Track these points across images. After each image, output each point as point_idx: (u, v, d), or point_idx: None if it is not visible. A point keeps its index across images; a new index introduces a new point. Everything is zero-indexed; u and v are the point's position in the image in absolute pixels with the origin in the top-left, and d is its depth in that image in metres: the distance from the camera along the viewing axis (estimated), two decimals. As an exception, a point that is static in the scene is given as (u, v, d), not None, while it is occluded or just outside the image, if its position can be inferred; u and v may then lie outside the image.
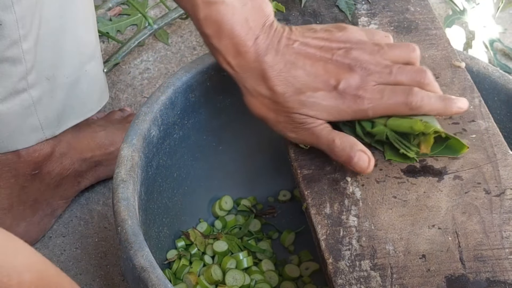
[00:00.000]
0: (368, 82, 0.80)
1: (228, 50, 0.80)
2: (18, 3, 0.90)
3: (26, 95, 0.98)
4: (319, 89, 0.80)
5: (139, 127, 0.88)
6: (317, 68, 0.81)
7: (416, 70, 0.81)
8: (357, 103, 0.79)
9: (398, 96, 0.80)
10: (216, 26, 0.79)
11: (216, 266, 0.96)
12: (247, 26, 0.79)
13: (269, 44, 0.80)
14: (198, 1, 0.79)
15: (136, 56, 1.46)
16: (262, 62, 0.80)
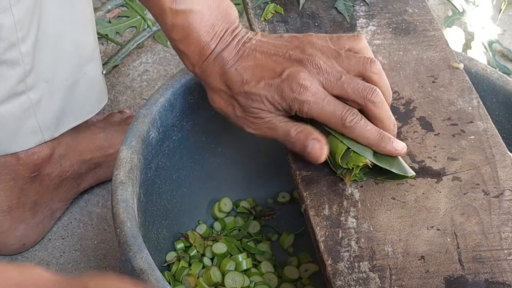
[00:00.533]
0: (314, 79, 0.79)
1: (194, 54, 0.83)
2: (16, 5, 0.90)
3: (24, 98, 0.98)
4: (263, 78, 0.80)
5: (138, 129, 0.88)
6: (267, 60, 0.81)
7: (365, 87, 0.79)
8: (297, 91, 0.78)
9: (339, 107, 0.79)
10: (183, 33, 0.82)
11: (215, 268, 0.96)
12: (213, 32, 0.82)
13: (229, 44, 0.83)
14: (166, 8, 0.81)
15: (135, 58, 1.46)
16: (221, 58, 0.82)
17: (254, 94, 0.80)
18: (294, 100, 0.79)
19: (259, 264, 1.00)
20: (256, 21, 0.99)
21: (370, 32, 0.98)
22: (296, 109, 0.79)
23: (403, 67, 0.94)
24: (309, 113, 0.79)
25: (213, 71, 0.83)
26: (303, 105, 0.79)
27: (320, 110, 0.78)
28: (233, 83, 0.81)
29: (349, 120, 0.78)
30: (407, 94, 0.91)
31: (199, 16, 0.82)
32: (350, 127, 0.78)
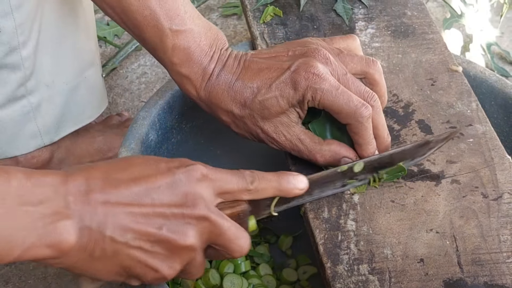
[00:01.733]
0: (325, 68, 0.77)
1: (198, 76, 0.81)
2: (17, 10, 0.90)
3: (25, 102, 0.98)
4: (272, 79, 0.78)
5: (137, 132, 0.88)
6: (271, 62, 0.80)
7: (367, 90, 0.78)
8: (310, 79, 0.76)
9: (353, 98, 0.76)
10: (185, 53, 0.80)
11: (213, 270, 0.96)
12: (211, 51, 0.81)
13: (227, 61, 0.81)
14: (166, 30, 0.80)
15: (134, 61, 1.46)
16: (223, 75, 0.80)
17: (269, 98, 0.78)
18: (307, 89, 0.76)
19: (258, 266, 1.01)
20: (255, 23, 0.99)
21: (369, 34, 0.98)
22: (309, 98, 0.77)
23: (402, 70, 0.94)
24: (322, 101, 0.77)
25: (219, 90, 0.81)
26: (316, 92, 0.76)
27: (334, 98, 0.76)
28: (244, 96, 0.79)
29: (362, 114, 0.76)
30: (406, 97, 0.91)
31: (197, 37, 0.81)
32: (361, 122, 0.77)
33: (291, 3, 1.02)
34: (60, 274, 1.11)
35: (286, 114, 0.79)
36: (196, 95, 0.82)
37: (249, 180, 0.69)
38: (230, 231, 0.67)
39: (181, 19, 0.80)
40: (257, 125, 0.80)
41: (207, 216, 0.65)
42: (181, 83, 0.83)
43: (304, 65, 0.77)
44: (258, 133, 0.81)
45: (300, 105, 0.78)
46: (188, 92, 0.83)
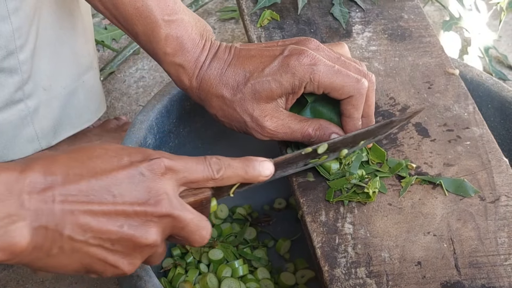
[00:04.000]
0: (318, 52, 0.78)
1: (191, 64, 0.82)
2: (15, 13, 0.90)
3: (22, 106, 0.98)
4: (264, 65, 0.79)
5: (135, 136, 0.88)
6: (262, 51, 0.81)
7: (363, 69, 0.79)
8: (305, 62, 0.77)
9: (352, 71, 0.77)
10: (177, 43, 0.81)
11: (211, 274, 0.96)
12: (202, 40, 0.82)
13: (218, 49, 0.82)
14: (159, 20, 0.80)
15: (131, 65, 1.46)
16: (216, 63, 0.81)
17: (261, 82, 0.79)
18: (304, 72, 0.77)
19: (256, 270, 1.00)
20: (252, 27, 0.99)
21: (366, 38, 0.99)
22: (307, 80, 0.77)
23: (399, 73, 0.95)
24: (321, 81, 0.77)
25: (211, 76, 0.81)
26: (314, 74, 0.77)
27: (333, 76, 0.77)
28: (235, 82, 0.80)
29: (365, 84, 0.77)
30: (403, 100, 0.91)
31: (188, 26, 0.82)
32: (362, 94, 0.78)
33: (288, 7, 1.02)
34: (58, 278, 1.11)
35: (275, 101, 0.80)
36: (188, 84, 0.83)
37: (215, 169, 0.68)
38: (192, 223, 0.66)
39: (172, 9, 0.81)
40: (246, 111, 0.80)
41: (170, 213, 0.64)
42: (175, 73, 0.83)
43: (296, 50, 0.78)
44: (246, 121, 0.81)
45: (294, 90, 0.79)
46: (181, 82, 0.83)
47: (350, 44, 0.97)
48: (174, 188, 0.65)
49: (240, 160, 0.71)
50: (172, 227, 0.65)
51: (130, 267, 0.65)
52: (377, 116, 0.89)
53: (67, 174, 0.60)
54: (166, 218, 0.64)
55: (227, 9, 1.59)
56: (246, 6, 1.02)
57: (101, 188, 0.61)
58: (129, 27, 0.82)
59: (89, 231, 0.61)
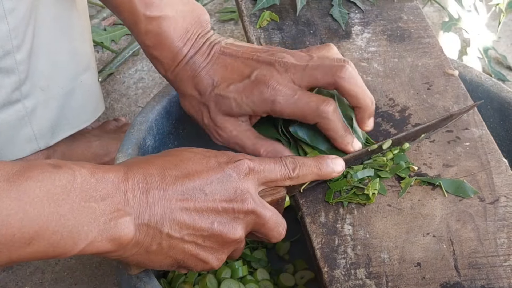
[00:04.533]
0: (283, 78, 0.79)
1: (168, 60, 0.84)
2: (11, 13, 0.90)
3: (20, 106, 0.98)
4: (232, 80, 0.81)
5: (134, 137, 0.88)
6: (236, 63, 0.82)
7: (333, 65, 0.79)
8: (267, 93, 0.79)
9: (312, 98, 0.78)
10: (157, 39, 0.83)
11: (211, 275, 0.96)
12: (186, 37, 0.84)
13: (201, 48, 0.84)
14: (140, 15, 0.82)
15: (131, 66, 1.46)
16: (192, 63, 0.83)
17: (224, 96, 0.81)
18: (264, 102, 0.79)
19: (255, 271, 1.00)
20: (251, 28, 0.99)
21: (365, 39, 0.99)
22: (267, 110, 0.80)
23: (398, 74, 0.95)
24: (282, 111, 0.79)
25: (185, 76, 0.84)
26: (274, 104, 0.79)
27: (293, 105, 0.78)
28: (204, 87, 0.82)
29: (325, 110, 0.77)
30: (402, 101, 0.91)
31: (172, 22, 0.83)
32: (327, 117, 0.78)
33: (288, 8, 1.02)
34: (57, 280, 1.11)
35: (236, 118, 0.82)
36: (164, 74, 0.86)
37: (291, 168, 0.73)
38: (272, 221, 0.71)
39: (157, 6, 0.82)
40: (208, 115, 0.83)
41: (254, 209, 0.69)
42: (153, 63, 0.86)
43: (261, 79, 0.79)
44: (205, 123, 0.84)
45: (254, 114, 0.81)
46: (158, 71, 0.87)
47: (349, 45, 0.97)
48: (255, 187, 0.71)
49: (313, 158, 0.76)
50: (254, 224, 0.71)
51: (218, 262, 0.71)
52: (377, 117, 0.89)
53: (163, 176, 0.66)
54: (250, 215, 0.69)
55: (226, 10, 1.59)
56: (245, 7, 1.02)
57: (194, 188, 0.67)
58: (117, 14, 0.85)
59: (185, 228, 0.66)
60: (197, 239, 0.68)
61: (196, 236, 0.68)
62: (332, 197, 0.79)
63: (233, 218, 0.69)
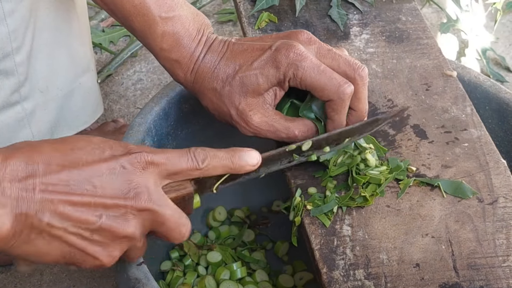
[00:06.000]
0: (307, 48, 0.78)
1: (186, 60, 0.83)
2: (10, 15, 0.90)
3: (19, 108, 0.98)
4: (254, 58, 0.80)
5: (133, 138, 0.88)
6: (254, 44, 0.81)
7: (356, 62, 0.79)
8: (291, 57, 0.77)
9: (336, 75, 0.77)
10: (173, 39, 0.82)
11: (210, 277, 0.96)
12: (198, 35, 0.83)
13: (213, 43, 0.83)
14: (156, 18, 0.81)
15: (129, 67, 1.46)
16: (209, 57, 0.82)
17: (249, 75, 0.79)
18: (288, 66, 0.77)
19: (254, 272, 1.00)
20: (250, 29, 0.99)
21: (363, 40, 0.99)
22: (290, 76, 0.78)
23: (397, 75, 0.95)
24: (303, 78, 0.78)
25: (205, 70, 0.82)
26: (298, 70, 0.77)
27: (316, 75, 0.77)
28: (226, 73, 0.81)
29: (345, 91, 0.77)
30: (401, 102, 0.91)
31: (185, 21, 0.82)
32: (343, 99, 0.77)
33: (286, 9, 1.02)
34: (55, 281, 1.11)
35: (262, 96, 0.80)
36: (183, 78, 0.84)
37: (200, 159, 0.69)
38: (172, 220, 0.67)
39: (169, 6, 0.82)
40: (233, 104, 0.81)
41: (149, 207, 0.65)
42: (171, 68, 0.84)
43: (285, 45, 0.78)
44: (232, 114, 0.81)
45: (280, 84, 0.79)
46: (177, 76, 0.85)
47: (348, 46, 0.98)
48: (156, 182, 0.66)
49: (226, 150, 0.71)
50: (151, 222, 0.66)
51: (109, 259, 0.66)
52: (375, 118, 0.89)
53: (48, 164, 0.62)
54: (145, 212, 0.65)
55: (225, 11, 1.59)
56: (244, 8, 1.02)
57: (82, 179, 0.62)
58: (126, 22, 0.83)
59: (68, 220, 0.62)
60: (83, 232, 0.63)
61: (82, 229, 0.63)
62: None
63: (125, 213, 0.64)
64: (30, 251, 0.63)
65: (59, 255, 0.64)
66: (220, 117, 0.84)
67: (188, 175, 0.69)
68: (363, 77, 0.79)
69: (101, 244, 0.65)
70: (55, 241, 0.63)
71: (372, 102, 0.91)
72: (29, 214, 0.61)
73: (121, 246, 0.66)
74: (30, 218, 0.61)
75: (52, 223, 0.62)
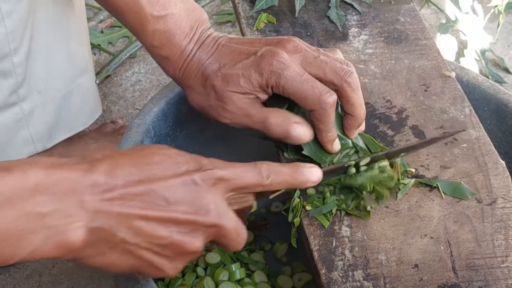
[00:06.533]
0: (292, 57, 0.79)
1: (176, 57, 0.84)
2: (8, 16, 0.90)
3: (17, 109, 0.98)
4: (239, 59, 0.80)
5: (132, 139, 0.88)
6: (243, 46, 0.82)
7: (343, 68, 0.79)
8: (275, 65, 0.78)
9: (317, 84, 0.77)
10: (164, 37, 0.83)
11: (208, 278, 0.96)
12: (191, 33, 0.84)
13: (204, 41, 0.84)
14: (148, 16, 0.82)
15: (128, 68, 1.46)
16: (198, 55, 0.83)
17: (230, 74, 0.80)
18: (271, 74, 0.78)
19: (253, 274, 1.00)
20: (248, 30, 0.99)
21: (362, 41, 0.99)
22: (272, 83, 0.78)
23: (395, 76, 0.95)
24: (286, 87, 0.78)
25: (193, 67, 0.83)
26: (280, 78, 0.78)
27: (298, 85, 0.77)
28: (211, 70, 0.82)
29: (327, 100, 0.77)
30: (399, 102, 0.91)
31: (178, 20, 0.83)
32: (325, 109, 0.77)
33: (285, 10, 1.02)
34: (54, 283, 1.11)
35: (244, 95, 0.80)
36: (173, 74, 0.85)
37: (265, 175, 0.70)
38: (234, 232, 0.69)
39: (162, 5, 0.82)
40: (212, 87, 0.81)
41: (217, 223, 0.67)
42: (161, 64, 0.86)
43: (269, 52, 0.78)
44: (211, 104, 0.82)
45: (262, 89, 0.79)
46: (167, 71, 0.86)
47: (347, 47, 0.98)
48: (222, 196, 0.68)
49: (289, 166, 0.72)
50: (215, 235, 0.68)
51: (174, 271, 0.68)
52: (374, 119, 0.89)
53: (127, 179, 0.63)
54: (212, 228, 0.67)
55: (224, 12, 1.59)
56: (243, 9, 1.02)
57: (157, 194, 0.64)
58: (119, 18, 0.84)
59: (141, 235, 0.64)
60: (154, 247, 0.65)
61: (153, 244, 0.65)
62: None
63: (194, 229, 0.66)
64: (100, 263, 0.65)
65: (127, 267, 0.66)
66: (203, 111, 0.84)
67: (253, 189, 0.71)
68: (350, 83, 0.78)
69: (169, 258, 0.66)
70: (126, 254, 0.65)
71: (371, 103, 0.91)
72: (105, 229, 0.62)
73: (186, 259, 0.68)
74: (105, 232, 0.62)
75: (126, 239, 0.63)
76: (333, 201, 0.79)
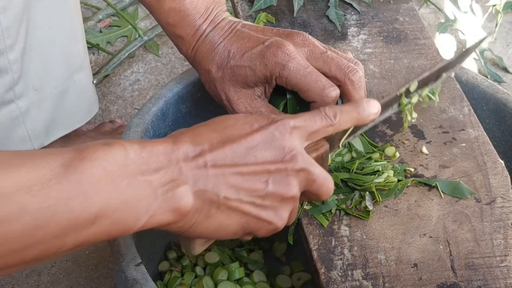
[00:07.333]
0: (298, 50, 0.80)
1: (189, 37, 0.85)
2: (3, 13, 0.90)
3: (13, 106, 0.97)
4: (247, 48, 0.81)
5: (130, 139, 0.88)
6: (254, 34, 0.83)
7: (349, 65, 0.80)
8: (279, 56, 0.79)
9: (322, 78, 0.79)
10: (179, 16, 0.84)
11: (207, 277, 0.96)
12: (206, 14, 0.85)
13: (218, 24, 0.85)
14: None
15: (127, 68, 1.46)
16: (211, 37, 0.84)
17: (239, 66, 0.81)
18: (275, 65, 0.79)
19: (252, 273, 1.00)
20: (247, 30, 0.99)
21: (361, 40, 0.99)
22: (276, 74, 0.79)
23: (395, 75, 0.95)
24: (289, 78, 0.79)
25: (204, 49, 0.84)
26: (283, 69, 0.79)
27: (301, 77, 0.79)
28: (220, 59, 0.83)
29: (329, 94, 0.78)
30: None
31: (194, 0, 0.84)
32: (327, 102, 0.78)
33: (284, 9, 1.02)
34: (53, 282, 1.11)
35: (252, 88, 0.82)
36: (185, 53, 0.86)
37: (332, 115, 0.72)
38: (321, 176, 0.70)
39: None
40: (223, 90, 0.83)
41: (305, 167, 0.68)
42: (175, 42, 0.87)
43: (276, 43, 0.79)
44: (222, 99, 0.84)
45: (267, 80, 0.81)
46: (180, 50, 0.87)
47: (346, 47, 0.98)
48: (301, 143, 0.70)
49: (350, 104, 0.75)
50: (306, 181, 0.70)
51: (281, 221, 0.70)
52: (373, 118, 0.89)
53: (211, 143, 0.66)
54: (301, 172, 0.69)
55: (222, 12, 1.59)
56: (242, 8, 1.02)
57: (243, 151, 0.67)
58: None
59: (241, 190, 0.66)
60: (255, 199, 0.67)
61: (254, 197, 0.67)
62: None
63: (286, 176, 0.68)
64: (211, 227, 0.67)
65: (238, 226, 0.68)
66: (213, 96, 0.86)
67: (324, 132, 0.72)
68: (353, 81, 0.79)
69: (272, 208, 0.68)
70: (233, 212, 0.67)
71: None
72: (206, 190, 0.64)
73: (288, 207, 0.69)
74: (208, 193, 0.65)
75: (228, 196, 0.65)
76: (332, 201, 0.79)
